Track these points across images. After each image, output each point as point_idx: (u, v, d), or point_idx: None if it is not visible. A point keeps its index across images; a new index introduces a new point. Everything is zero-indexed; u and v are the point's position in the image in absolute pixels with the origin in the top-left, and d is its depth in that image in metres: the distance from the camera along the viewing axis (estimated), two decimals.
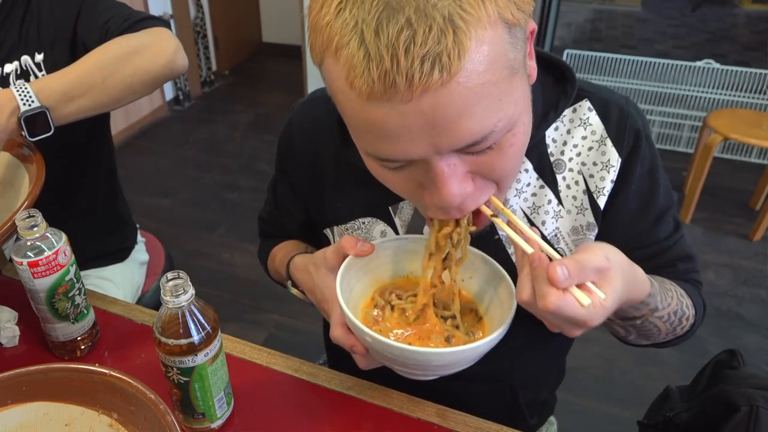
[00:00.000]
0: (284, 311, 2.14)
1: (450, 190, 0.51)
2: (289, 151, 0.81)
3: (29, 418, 0.59)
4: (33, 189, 0.78)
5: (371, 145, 0.51)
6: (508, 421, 0.71)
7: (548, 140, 0.70)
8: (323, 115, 0.76)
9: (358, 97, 0.46)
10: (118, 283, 1.23)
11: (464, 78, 0.44)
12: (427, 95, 0.44)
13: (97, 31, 0.98)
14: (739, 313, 2.15)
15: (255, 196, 2.86)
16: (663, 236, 0.73)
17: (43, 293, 0.71)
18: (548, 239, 0.71)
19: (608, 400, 1.79)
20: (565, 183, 0.70)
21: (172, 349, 0.60)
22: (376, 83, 0.44)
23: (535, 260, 0.51)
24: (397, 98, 0.45)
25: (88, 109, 0.88)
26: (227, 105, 3.87)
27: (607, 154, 0.68)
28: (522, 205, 0.70)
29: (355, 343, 0.63)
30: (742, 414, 0.74)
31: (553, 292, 0.48)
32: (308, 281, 0.72)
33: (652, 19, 5.56)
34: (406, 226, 0.74)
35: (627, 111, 0.68)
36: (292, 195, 0.85)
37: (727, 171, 2.96)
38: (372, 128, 0.48)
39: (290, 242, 0.90)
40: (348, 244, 0.65)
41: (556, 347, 0.89)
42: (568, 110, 0.69)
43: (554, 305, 0.48)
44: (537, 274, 0.50)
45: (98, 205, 1.22)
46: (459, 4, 0.43)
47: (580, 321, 0.49)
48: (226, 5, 4.11)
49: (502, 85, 0.47)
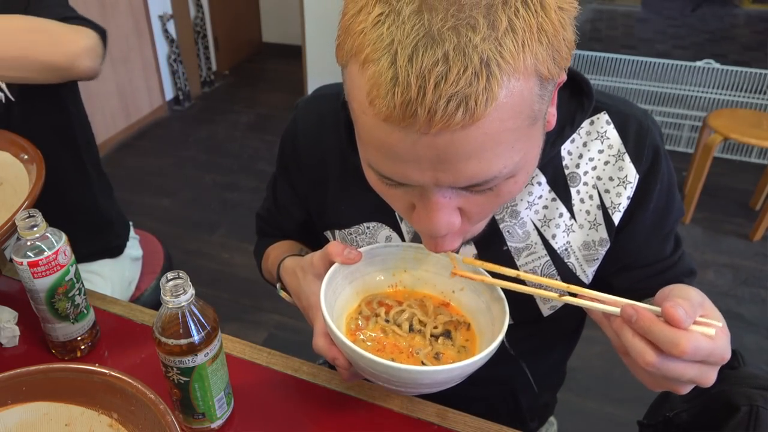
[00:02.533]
0: (284, 311, 2.14)
1: (439, 219, 0.51)
2: (294, 151, 0.79)
3: (29, 418, 0.59)
4: (33, 189, 0.78)
5: (375, 160, 0.51)
6: (509, 425, 0.71)
7: (564, 152, 0.68)
8: (328, 114, 0.74)
9: (375, 116, 0.45)
10: (106, 276, 1.21)
11: (486, 124, 0.43)
12: (445, 133, 0.43)
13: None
14: (739, 313, 2.15)
15: (255, 196, 2.86)
16: (669, 252, 0.73)
17: (43, 293, 0.71)
18: (558, 253, 0.70)
19: (608, 400, 1.79)
20: (579, 197, 0.68)
21: (172, 349, 0.60)
22: (397, 108, 0.43)
23: (632, 314, 0.48)
24: (414, 128, 0.44)
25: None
26: (227, 105, 3.87)
27: (624, 170, 0.67)
28: (533, 218, 0.69)
29: (338, 356, 0.61)
30: (742, 414, 0.74)
31: (682, 335, 0.45)
32: (295, 285, 0.71)
33: (652, 19, 5.56)
34: (413, 232, 0.73)
35: (646, 126, 0.67)
36: (293, 194, 0.83)
37: (727, 171, 2.96)
38: (381, 147, 0.48)
39: (285, 242, 0.89)
40: (334, 251, 0.64)
41: (558, 355, 0.88)
42: (586, 122, 0.68)
43: (692, 345, 0.45)
44: (647, 327, 0.47)
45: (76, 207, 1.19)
46: (499, 51, 0.42)
47: (716, 355, 0.47)
48: (226, 5, 4.11)
49: (520, 133, 0.46)
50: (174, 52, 3.64)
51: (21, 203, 0.75)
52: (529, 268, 0.71)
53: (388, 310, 0.67)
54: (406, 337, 0.64)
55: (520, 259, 0.70)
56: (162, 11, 3.51)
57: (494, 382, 0.81)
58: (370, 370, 0.56)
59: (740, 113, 2.59)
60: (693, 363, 0.48)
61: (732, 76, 2.95)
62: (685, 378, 0.48)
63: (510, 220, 0.69)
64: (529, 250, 0.70)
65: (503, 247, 0.70)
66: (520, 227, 0.69)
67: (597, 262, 0.71)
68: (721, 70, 2.95)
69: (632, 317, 0.48)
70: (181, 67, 3.70)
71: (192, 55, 3.84)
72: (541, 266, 0.70)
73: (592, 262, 0.71)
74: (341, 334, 0.56)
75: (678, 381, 0.49)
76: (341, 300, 0.66)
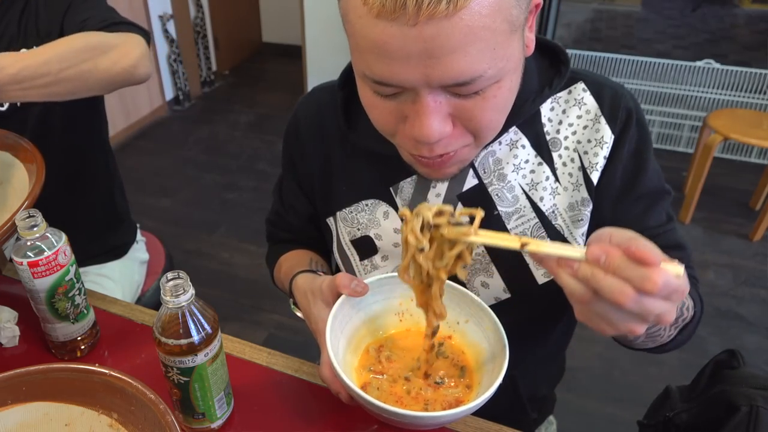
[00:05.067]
0: (284, 311, 2.14)
1: (431, 123, 0.55)
2: (297, 140, 0.83)
3: (29, 418, 0.59)
4: (33, 189, 0.78)
5: (369, 65, 0.55)
6: (510, 413, 0.71)
7: (544, 119, 0.72)
8: (327, 103, 0.79)
9: (368, 14, 0.51)
10: (116, 280, 1.23)
11: (467, 15, 0.49)
12: (430, 23, 0.49)
13: (75, 27, 0.99)
14: (739, 313, 2.15)
15: (255, 196, 2.86)
16: (653, 224, 0.74)
17: (43, 293, 0.71)
18: (546, 215, 0.72)
19: (608, 400, 1.79)
20: (561, 161, 0.72)
21: (172, 349, 0.60)
22: (388, 2, 0.49)
23: (601, 255, 0.47)
24: (403, 20, 0.49)
25: (34, 96, 0.88)
26: (227, 105, 3.87)
27: (600, 131, 0.71)
28: (521, 182, 0.72)
29: (341, 390, 0.63)
30: (742, 414, 0.74)
31: (654, 270, 0.45)
32: (306, 308, 0.73)
33: (652, 19, 5.56)
34: (407, 204, 0.75)
35: (620, 92, 0.72)
36: (299, 189, 0.86)
37: (727, 171, 2.96)
38: (374, 47, 0.52)
39: (297, 252, 0.90)
40: (342, 283, 0.65)
41: (556, 341, 0.89)
42: (564, 92, 0.73)
43: (662, 280, 0.45)
44: (618, 264, 0.46)
45: (96, 204, 1.23)
46: None
47: (680, 292, 0.47)
48: (226, 5, 4.11)
49: (500, 36, 0.52)
50: (174, 52, 3.64)
51: (21, 203, 0.75)
52: (519, 231, 0.73)
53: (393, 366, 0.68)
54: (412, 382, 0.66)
55: (510, 223, 0.73)
56: (162, 11, 3.51)
57: None
58: (372, 410, 0.58)
59: (740, 113, 2.59)
60: (661, 299, 0.47)
61: (732, 76, 2.95)
62: (654, 313, 0.48)
63: (498, 183, 0.72)
64: (519, 213, 0.72)
65: (494, 212, 0.72)
66: (508, 191, 0.72)
67: (583, 223, 0.73)
68: (721, 70, 2.95)
69: (601, 258, 0.47)
70: (181, 67, 3.70)
71: (192, 55, 3.84)
72: (530, 228, 0.73)
73: (577, 222, 0.73)
74: (347, 379, 0.58)
75: (643, 318, 0.48)
76: (350, 329, 0.67)
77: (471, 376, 0.66)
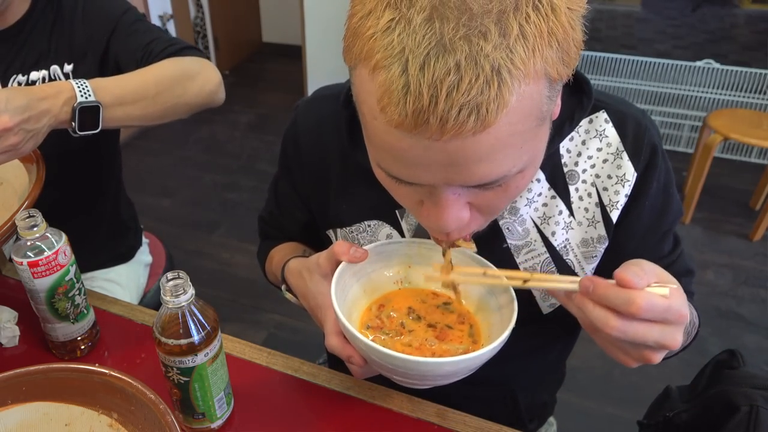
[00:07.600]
0: (284, 311, 2.14)
1: (449, 215, 0.51)
2: (295, 152, 0.80)
3: (29, 418, 0.59)
4: (33, 189, 0.78)
5: (385, 162, 0.51)
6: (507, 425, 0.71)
7: (562, 150, 0.69)
8: (329, 115, 0.75)
9: (386, 123, 0.45)
10: (124, 285, 1.24)
11: (496, 130, 0.44)
12: (456, 139, 0.44)
13: (138, 50, 1.00)
14: (739, 313, 2.15)
15: (255, 196, 2.86)
16: (667, 251, 0.73)
17: (43, 293, 0.71)
18: (557, 250, 0.70)
19: (608, 400, 1.79)
20: (578, 194, 0.69)
21: (172, 349, 0.60)
22: (409, 117, 0.43)
23: (589, 285, 0.49)
24: (425, 135, 0.44)
25: (134, 118, 0.90)
26: (227, 105, 3.80)
27: (623, 168, 0.67)
28: (532, 215, 0.70)
29: (353, 354, 0.61)
30: (742, 414, 0.74)
31: (636, 293, 0.46)
32: (302, 286, 0.71)
33: (652, 19, 5.56)
34: (413, 230, 0.73)
35: (644, 125, 0.68)
36: (295, 195, 0.84)
37: (727, 171, 2.96)
38: (391, 150, 0.48)
39: (289, 244, 0.89)
40: (340, 250, 0.64)
41: (557, 354, 0.88)
42: (584, 121, 0.68)
43: (645, 302, 0.45)
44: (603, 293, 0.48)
45: (106, 210, 1.23)
46: (510, 58, 0.41)
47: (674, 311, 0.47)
48: (226, 5, 4.11)
49: (528, 134, 0.47)
50: None
51: (21, 203, 0.75)
52: (529, 265, 0.71)
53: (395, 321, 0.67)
54: (418, 334, 0.65)
55: (519, 257, 0.71)
56: (162, 11, 3.51)
57: (493, 382, 0.81)
58: (387, 364, 0.57)
59: (740, 113, 2.59)
60: (653, 323, 0.48)
61: (732, 76, 2.95)
62: (650, 340, 0.48)
63: (510, 217, 0.70)
64: (529, 247, 0.70)
65: (503, 245, 0.70)
66: (519, 224, 0.70)
67: (596, 259, 0.71)
68: (721, 70, 2.95)
69: (589, 288, 0.48)
70: None
71: None
72: (540, 263, 0.71)
73: (590, 259, 0.71)
74: (356, 331, 0.57)
75: (645, 345, 0.49)
76: (350, 298, 0.67)
77: (477, 333, 0.65)
